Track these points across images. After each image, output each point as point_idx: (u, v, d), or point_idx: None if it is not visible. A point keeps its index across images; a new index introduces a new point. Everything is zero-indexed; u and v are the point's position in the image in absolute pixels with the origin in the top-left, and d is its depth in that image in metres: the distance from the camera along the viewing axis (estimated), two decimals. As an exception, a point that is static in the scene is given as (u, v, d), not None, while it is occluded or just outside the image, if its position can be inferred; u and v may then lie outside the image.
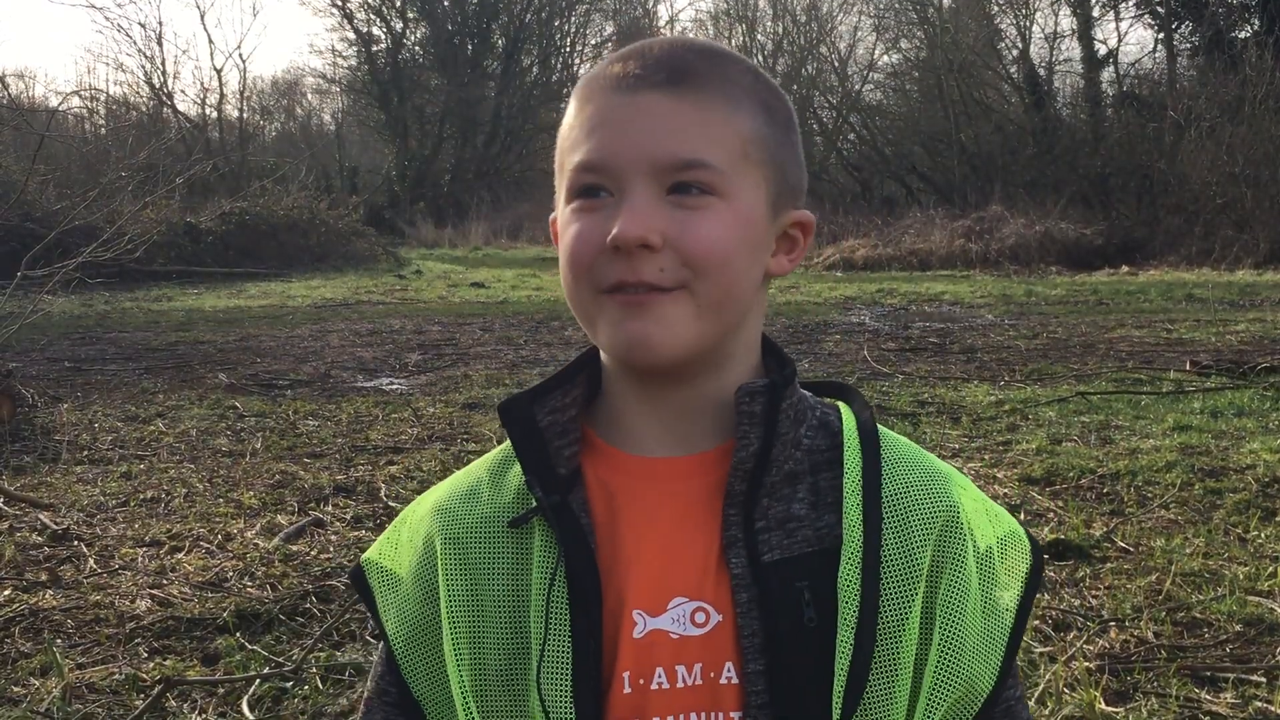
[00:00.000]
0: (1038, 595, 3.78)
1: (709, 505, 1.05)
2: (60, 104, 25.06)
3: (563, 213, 1.06)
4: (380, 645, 1.13)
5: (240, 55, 65.45)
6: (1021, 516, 4.75)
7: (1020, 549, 1.10)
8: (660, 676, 1.02)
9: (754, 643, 1.01)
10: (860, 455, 1.06)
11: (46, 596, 3.97)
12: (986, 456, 5.81)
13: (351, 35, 37.49)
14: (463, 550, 1.08)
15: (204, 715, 3.10)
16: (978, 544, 1.07)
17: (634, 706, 1.02)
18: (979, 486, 5.33)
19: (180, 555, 4.40)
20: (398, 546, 1.14)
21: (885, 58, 31.46)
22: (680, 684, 1.02)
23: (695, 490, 1.06)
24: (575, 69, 39.83)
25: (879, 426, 1.11)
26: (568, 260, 1.04)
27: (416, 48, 37.76)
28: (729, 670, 1.02)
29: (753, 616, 1.02)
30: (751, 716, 1.01)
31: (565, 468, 1.06)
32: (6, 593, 4.01)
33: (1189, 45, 25.05)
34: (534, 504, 1.06)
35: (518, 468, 1.09)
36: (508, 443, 1.12)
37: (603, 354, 1.10)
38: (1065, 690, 3.15)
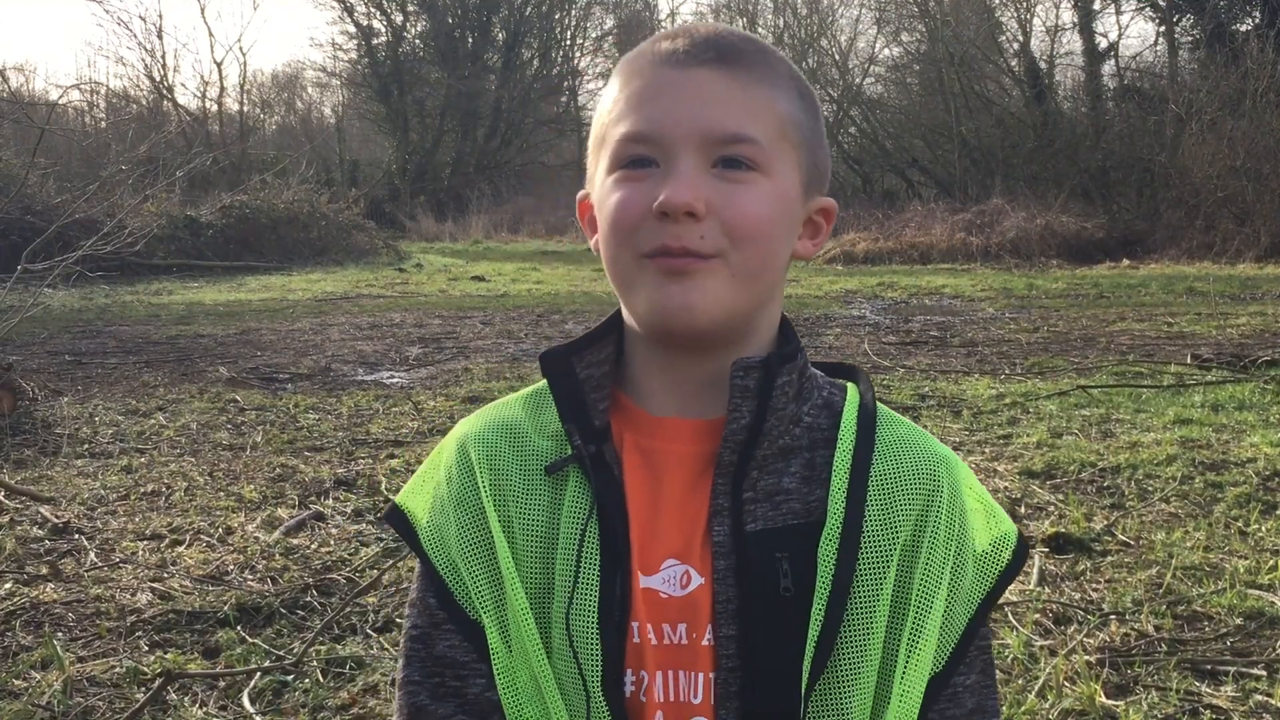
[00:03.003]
0: (1039, 589, 3.79)
1: (708, 471, 1.08)
2: (60, 97, 25.06)
3: (604, 183, 1.08)
4: (417, 584, 1.14)
5: (240, 49, 65.20)
6: (1022, 510, 4.75)
7: (1006, 548, 1.13)
8: (650, 632, 1.05)
9: (728, 609, 1.04)
10: (855, 434, 1.09)
11: (47, 590, 3.97)
12: (987, 450, 5.81)
13: (352, 28, 37.47)
14: (504, 483, 1.10)
15: (205, 708, 3.10)
16: (973, 539, 1.10)
17: (639, 656, 1.05)
18: (980, 480, 5.34)
19: (181, 549, 4.40)
20: (434, 482, 1.16)
21: (886, 51, 31.44)
22: (666, 641, 1.05)
23: (697, 454, 1.09)
24: (576, 62, 39.81)
25: (886, 410, 1.14)
26: (610, 224, 1.06)
27: (417, 41, 37.69)
28: (710, 633, 1.05)
29: (729, 584, 1.05)
30: (722, 680, 1.04)
31: (599, 420, 1.10)
32: (7, 586, 4.02)
33: (1190, 38, 24.99)
34: (569, 451, 1.09)
35: (552, 414, 1.12)
36: (537, 385, 1.16)
37: (628, 318, 1.13)
38: (1065, 683, 3.15)
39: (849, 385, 1.16)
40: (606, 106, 1.10)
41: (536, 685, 1.04)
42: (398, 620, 3.68)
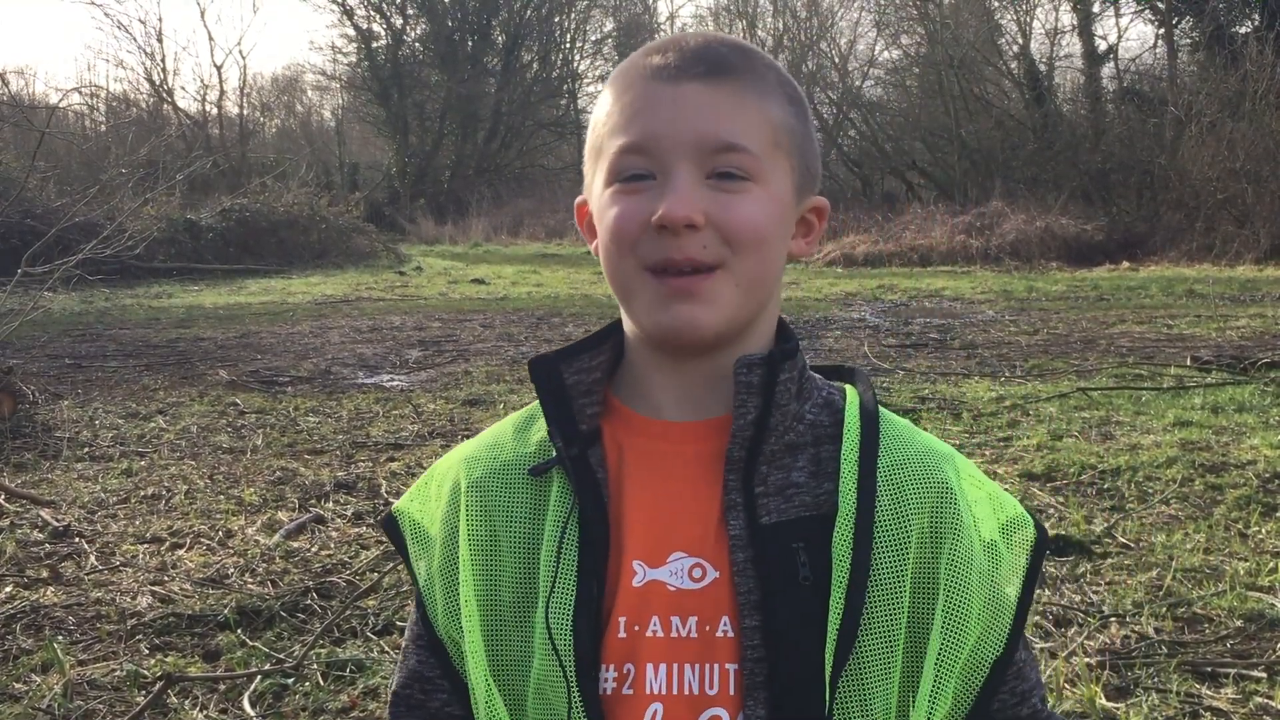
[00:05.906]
0: (1038, 591, 3.79)
1: (715, 468, 1.10)
2: (61, 101, 25.10)
3: (602, 195, 1.11)
4: (414, 591, 1.20)
5: (240, 52, 65.55)
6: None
7: (1025, 530, 1.15)
8: (655, 625, 1.07)
9: (750, 599, 1.06)
10: (860, 428, 1.12)
11: (48, 593, 3.97)
12: (987, 452, 5.81)
13: (351, 31, 37.50)
14: (484, 494, 1.14)
15: (205, 712, 3.10)
16: (981, 531, 1.12)
17: (627, 650, 1.07)
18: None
19: (181, 552, 4.40)
20: (426, 496, 1.21)
21: (886, 53, 31.45)
22: (674, 634, 1.07)
23: (704, 453, 1.12)
24: (575, 65, 39.83)
25: (882, 409, 1.17)
26: (612, 236, 1.09)
27: (417, 44, 37.71)
28: (725, 625, 1.07)
29: (749, 575, 1.06)
30: (748, 670, 1.05)
31: (587, 425, 1.12)
32: (8, 589, 4.02)
33: (1189, 41, 25.00)
34: (554, 455, 1.12)
35: (542, 423, 1.16)
36: (535, 403, 1.19)
37: (628, 326, 1.15)
38: (1066, 686, 3.15)
39: (847, 387, 1.19)
40: (600, 118, 1.13)
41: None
42: (398, 623, 3.69)
